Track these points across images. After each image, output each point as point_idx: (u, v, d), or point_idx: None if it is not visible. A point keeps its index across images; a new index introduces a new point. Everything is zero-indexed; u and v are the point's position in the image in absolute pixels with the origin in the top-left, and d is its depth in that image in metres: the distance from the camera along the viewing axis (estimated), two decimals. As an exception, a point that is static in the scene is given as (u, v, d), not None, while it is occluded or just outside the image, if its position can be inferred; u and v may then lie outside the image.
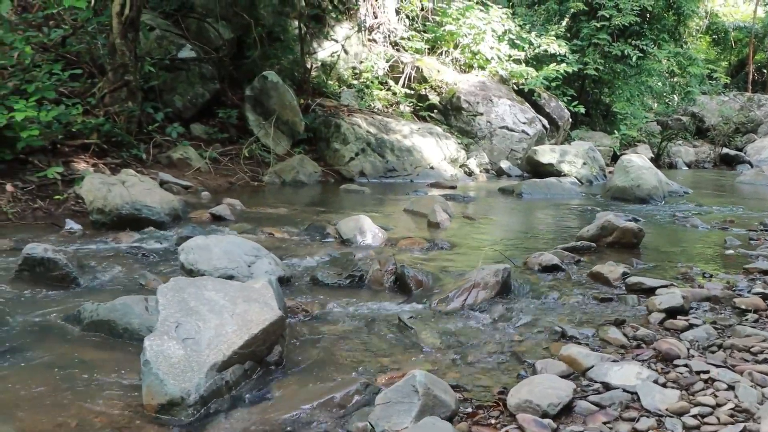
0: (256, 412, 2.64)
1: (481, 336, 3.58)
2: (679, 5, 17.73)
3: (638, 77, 17.95)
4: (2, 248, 5.32)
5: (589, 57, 16.80)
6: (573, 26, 17.60)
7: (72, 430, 2.50)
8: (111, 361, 3.15)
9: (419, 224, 6.79)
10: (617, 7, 16.56)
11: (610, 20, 16.59)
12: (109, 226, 6.04)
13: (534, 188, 9.84)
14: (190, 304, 2.85)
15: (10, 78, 7.81)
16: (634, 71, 17.59)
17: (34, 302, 4.01)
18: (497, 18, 15.27)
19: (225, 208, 6.73)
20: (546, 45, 15.74)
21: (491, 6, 15.54)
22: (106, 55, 9.15)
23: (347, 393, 2.70)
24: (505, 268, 4.30)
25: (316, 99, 12.11)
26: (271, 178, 9.73)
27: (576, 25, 17.51)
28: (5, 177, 6.95)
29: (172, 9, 11.17)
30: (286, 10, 12.65)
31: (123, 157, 8.54)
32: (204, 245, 4.20)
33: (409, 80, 14.09)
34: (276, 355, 3.01)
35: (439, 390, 2.57)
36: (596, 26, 16.84)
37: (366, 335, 3.55)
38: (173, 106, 10.20)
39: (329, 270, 4.55)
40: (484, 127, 13.59)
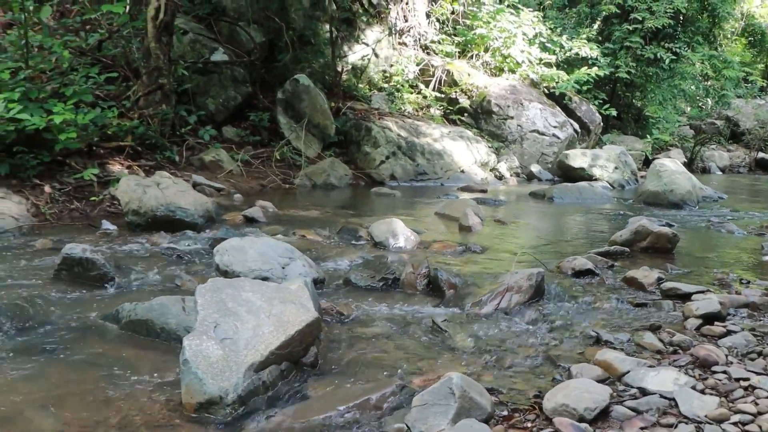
0: (292, 412, 2.66)
1: (515, 339, 3.57)
2: (714, 7, 17.50)
3: (671, 80, 17.74)
4: (41, 248, 5.42)
5: (621, 60, 16.65)
6: (605, 29, 17.45)
7: (113, 426, 2.55)
8: (149, 360, 3.20)
9: (451, 228, 6.78)
10: (650, 10, 16.40)
11: (642, 23, 16.43)
12: (144, 227, 6.12)
13: (565, 192, 9.78)
14: (227, 305, 2.88)
15: (48, 82, 7.95)
16: (666, 74, 17.39)
17: (73, 301, 4.08)
18: (528, 21, 15.20)
19: (258, 210, 6.79)
20: (577, 48, 15.63)
21: (522, 9, 15.47)
22: (140, 59, 9.28)
23: (383, 395, 2.71)
24: (539, 272, 4.29)
25: (347, 102, 12.14)
26: (302, 180, 9.79)
27: (608, 28, 17.36)
28: (43, 178, 7.07)
29: (204, 13, 11.29)
30: (317, 13, 12.72)
31: (157, 159, 8.64)
32: (239, 247, 4.24)
33: (439, 84, 14.08)
34: (312, 356, 3.03)
35: (475, 392, 2.58)
36: (628, 29, 16.69)
37: (400, 338, 3.56)
38: (206, 109, 10.30)
39: (362, 272, 4.57)
40: (514, 130, 13.53)
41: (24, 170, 6.97)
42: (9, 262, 4.97)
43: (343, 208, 8.02)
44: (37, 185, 6.95)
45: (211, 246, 5.33)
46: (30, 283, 4.43)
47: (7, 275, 4.60)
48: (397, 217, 6.11)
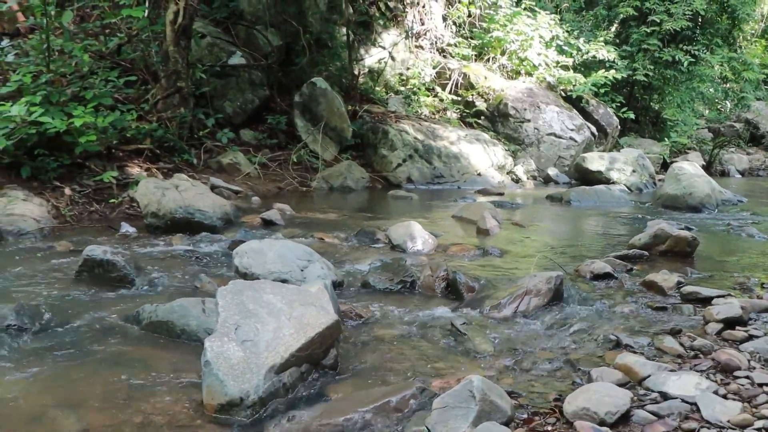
0: (312, 414, 2.67)
1: (534, 343, 3.56)
2: (734, 8, 17.33)
3: (689, 83, 17.60)
4: (62, 250, 5.48)
5: (639, 63, 16.54)
6: (622, 32, 17.34)
7: (136, 426, 2.57)
8: (170, 361, 3.23)
9: (468, 231, 6.77)
10: (668, 12, 16.28)
11: (660, 25, 16.32)
12: (163, 229, 6.16)
13: (583, 196, 9.74)
14: (248, 307, 2.90)
15: (68, 85, 8.03)
16: (685, 77, 17.26)
17: (94, 303, 4.12)
18: (545, 24, 15.14)
19: (275, 212, 6.81)
20: (594, 51, 15.55)
21: (539, 12, 15.42)
22: (159, 62, 9.34)
23: (403, 397, 2.71)
24: (558, 276, 4.27)
25: (364, 105, 12.15)
26: (320, 183, 9.81)
27: (625, 30, 17.25)
28: (64, 181, 7.14)
29: (222, 17, 11.35)
30: (334, 17, 12.75)
31: (175, 161, 8.70)
32: (258, 249, 4.26)
33: (456, 87, 14.07)
34: (331, 359, 3.04)
35: (495, 395, 2.57)
36: (646, 31, 16.58)
37: (419, 340, 3.56)
38: (223, 112, 10.35)
39: (381, 275, 4.58)
40: (531, 133, 13.49)
41: (45, 173, 7.04)
42: (31, 263, 5.02)
43: (360, 211, 8.03)
44: (57, 187, 7.02)
45: (229, 248, 5.36)
46: (51, 284, 4.48)
47: (29, 276, 4.65)
48: (414, 220, 6.11)
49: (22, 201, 6.32)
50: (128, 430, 2.55)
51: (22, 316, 3.61)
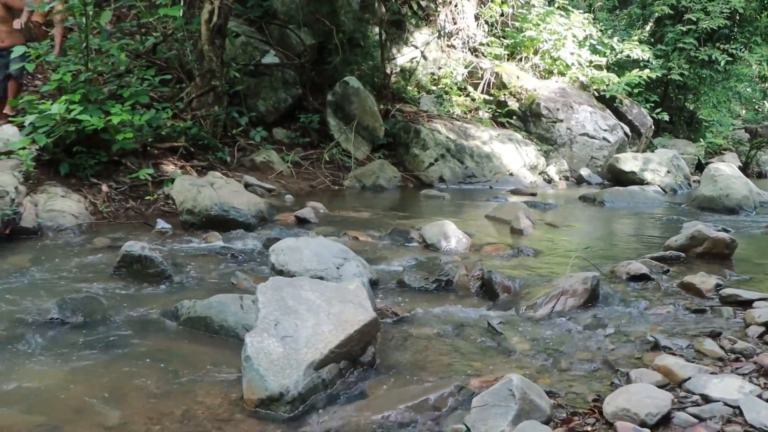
0: (351, 410, 2.69)
1: (571, 343, 3.54)
2: (775, 6, 17.03)
3: (726, 83, 17.33)
4: (100, 246, 5.57)
5: (674, 62, 16.32)
6: (657, 30, 17.12)
7: (177, 418, 2.61)
8: (208, 356, 3.26)
9: (501, 231, 6.75)
10: (705, 10, 16.04)
11: (697, 23, 16.08)
12: (198, 226, 6.22)
13: (616, 196, 9.64)
14: (288, 303, 2.92)
15: (106, 84, 8.14)
16: (721, 76, 17.00)
17: (133, 298, 4.18)
18: (578, 23, 15.01)
19: (309, 211, 6.85)
20: (628, 50, 15.38)
21: (572, 11, 15.29)
22: (194, 61, 9.44)
23: (442, 395, 2.72)
24: (594, 276, 4.24)
25: (396, 104, 12.16)
26: (352, 182, 9.84)
27: (660, 29, 17.04)
28: (101, 178, 7.24)
29: (256, 16, 11.43)
30: (366, 16, 12.77)
31: (209, 159, 8.78)
32: (294, 247, 4.29)
33: (488, 86, 14.00)
34: (369, 356, 3.05)
35: (534, 395, 2.57)
36: (682, 30, 16.36)
37: (456, 339, 3.56)
38: (257, 111, 10.43)
39: (416, 274, 4.58)
40: (564, 134, 13.39)
41: (82, 170, 7.15)
42: (70, 258, 5.11)
43: (392, 210, 8.03)
44: (94, 184, 7.12)
45: (264, 246, 5.41)
46: (91, 279, 4.56)
47: (68, 271, 4.74)
48: (447, 220, 6.11)
49: (61, 197, 6.43)
50: (169, 423, 2.58)
51: (64, 309, 3.69)
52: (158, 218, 6.62)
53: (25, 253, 5.26)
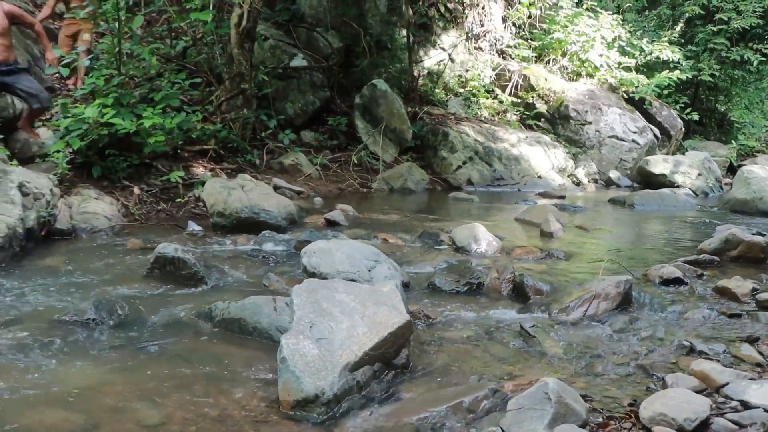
0: (386, 412, 2.70)
1: (605, 347, 3.52)
2: (811, 4, 16.74)
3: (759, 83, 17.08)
4: (132, 247, 5.63)
5: (704, 63, 16.12)
6: (687, 31, 16.92)
7: (214, 419, 2.63)
8: (242, 357, 3.29)
9: (531, 233, 6.72)
10: (737, 10, 15.82)
11: (728, 23, 15.87)
12: (228, 228, 6.27)
13: (647, 199, 9.54)
14: (322, 305, 2.94)
15: (137, 87, 8.24)
16: (754, 77, 16.75)
17: (167, 299, 4.22)
18: (607, 24, 14.89)
19: (339, 213, 6.87)
20: (658, 51, 15.23)
21: (601, 12, 15.18)
22: (223, 65, 9.51)
23: (476, 398, 2.71)
24: (627, 280, 4.21)
25: (424, 107, 12.16)
26: (380, 184, 9.85)
27: (691, 29, 16.84)
28: (132, 180, 7.32)
29: (284, 19, 11.50)
30: (394, 19, 12.80)
31: (238, 162, 8.84)
32: (326, 249, 4.30)
33: (515, 88, 13.95)
34: (403, 358, 3.06)
35: (570, 398, 2.55)
36: (713, 30, 16.15)
37: (488, 342, 3.55)
38: (285, 114, 10.49)
39: (447, 277, 4.58)
40: (592, 136, 13.30)
41: (115, 172, 7.23)
42: (104, 259, 5.18)
43: (421, 213, 8.03)
44: (126, 186, 7.20)
45: (295, 248, 5.44)
46: (125, 280, 4.61)
47: (103, 272, 4.80)
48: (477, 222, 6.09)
49: (94, 199, 6.51)
50: (206, 423, 2.61)
51: (101, 310, 3.73)
52: (189, 220, 6.67)
53: (60, 254, 5.34)
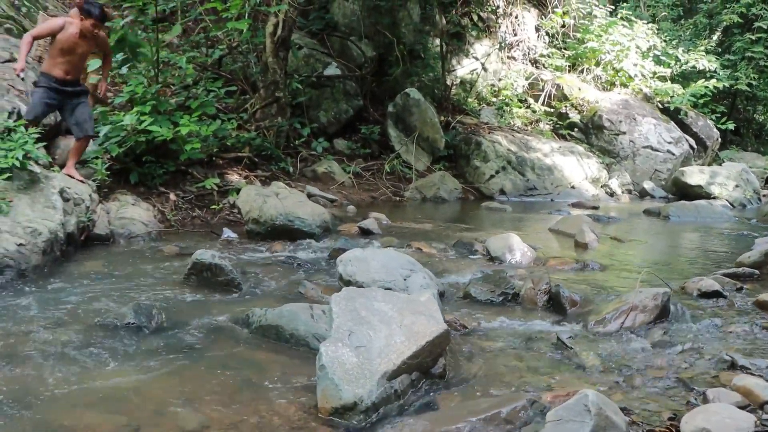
0: (423, 421, 2.69)
1: (643, 360, 3.48)
2: None
3: (799, 93, 16.79)
4: (169, 253, 5.71)
5: (742, 72, 15.89)
6: (725, 40, 16.71)
7: (253, 425, 2.65)
8: (279, 364, 3.31)
9: (565, 244, 6.67)
10: (776, 18, 15.62)
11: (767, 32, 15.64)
12: (263, 235, 6.32)
13: (682, 211, 9.42)
14: (361, 314, 2.95)
15: (173, 95, 8.36)
16: (793, 87, 16.48)
17: (204, 304, 4.27)
18: (642, 34, 14.77)
19: (372, 222, 6.89)
20: (694, 61, 15.06)
21: (635, 22, 15.06)
22: (258, 73, 9.61)
23: (514, 408, 2.70)
24: (665, 292, 4.16)
25: (456, 116, 12.18)
26: (413, 193, 9.86)
27: (728, 38, 16.62)
28: (168, 187, 7.42)
29: (317, 28, 11.60)
30: (427, 28, 12.83)
31: (272, 170, 8.91)
32: (362, 257, 4.32)
33: (548, 98, 13.90)
34: (440, 368, 3.06)
35: (610, 411, 2.53)
36: (751, 39, 15.93)
37: (524, 352, 3.54)
38: (318, 122, 10.55)
39: (482, 286, 4.57)
40: (626, 146, 13.18)
41: (151, 179, 7.34)
42: (142, 265, 5.26)
43: (454, 222, 8.02)
44: (162, 193, 7.30)
45: (329, 256, 5.46)
46: (162, 285, 4.68)
47: (141, 278, 4.87)
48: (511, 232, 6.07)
49: (131, 205, 6.60)
50: (246, 428, 2.63)
51: (140, 315, 3.79)
52: (224, 227, 6.75)
53: (99, 258, 5.43)
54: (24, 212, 4.99)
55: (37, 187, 5.31)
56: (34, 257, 4.75)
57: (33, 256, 4.75)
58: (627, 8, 16.36)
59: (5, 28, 7.49)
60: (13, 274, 4.54)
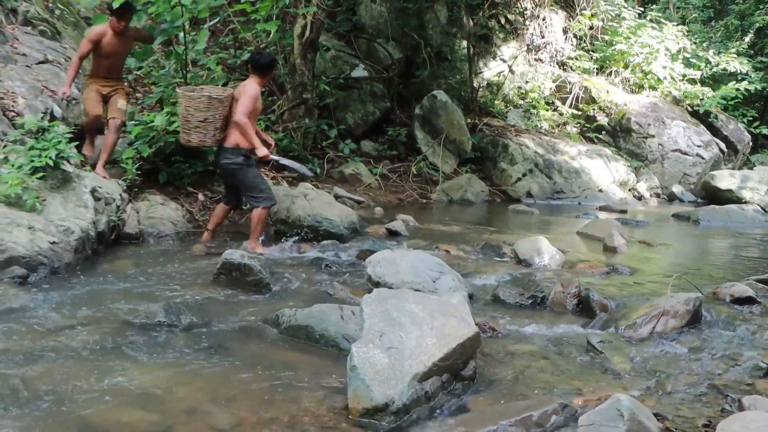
0: (453, 423, 2.69)
1: (675, 365, 3.45)
2: None
3: (832, 96, 16.44)
4: (198, 253, 5.76)
5: (774, 74, 15.62)
6: (757, 42, 16.44)
7: (284, 425, 2.67)
8: (309, 364, 3.33)
9: (594, 248, 6.62)
10: (811, 20, 15.32)
11: (802, 34, 15.38)
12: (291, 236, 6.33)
13: (712, 215, 9.31)
14: (392, 315, 2.95)
15: (202, 96, 8.40)
16: (827, 90, 16.14)
17: (233, 304, 4.30)
18: (671, 36, 14.60)
19: (400, 223, 6.88)
20: (725, 63, 14.84)
21: (665, 24, 14.89)
22: (286, 75, 9.64)
23: (545, 412, 2.69)
24: (697, 297, 4.12)
25: (483, 118, 12.12)
26: (440, 195, 9.85)
27: (761, 40, 16.35)
28: (197, 187, 7.46)
29: (345, 30, 11.61)
30: (454, 30, 12.81)
31: (298, 171, 8.91)
32: (391, 259, 4.32)
33: (576, 101, 13.78)
34: (470, 370, 3.05)
35: (643, 416, 2.51)
36: (784, 41, 15.66)
37: (554, 356, 3.52)
38: (345, 124, 10.56)
39: (511, 289, 4.54)
40: (655, 149, 13.04)
41: (179, 179, 7.37)
42: (171, 264, 5.30)
43: (481, 224, 7.99)
44: (191, 193, 7.34)
45: (358, 257, 5.47)
46: (192, 284, 4.72)
47: (170, 277, 4.92)
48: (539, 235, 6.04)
49: (160, 205, 6.65)
50: (277, 428, 2.64)
51: (170, 313, 3.82)
52: (251, 227, 6.76)
53: (129, 257, 5.49)
54: (57, 211, 5.06)
55: (70, 187, 5.39)
56: (66, 255, 4.82)
57: (65, 254, 4.82)
58: (656, 10, 16.18)
59: (39, 30, 7.58)
60: (47, 271, 4.61)
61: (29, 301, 4.10)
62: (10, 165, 5.12)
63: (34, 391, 2.88)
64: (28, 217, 4.80)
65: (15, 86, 6.32)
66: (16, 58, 6.85)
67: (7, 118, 5.91)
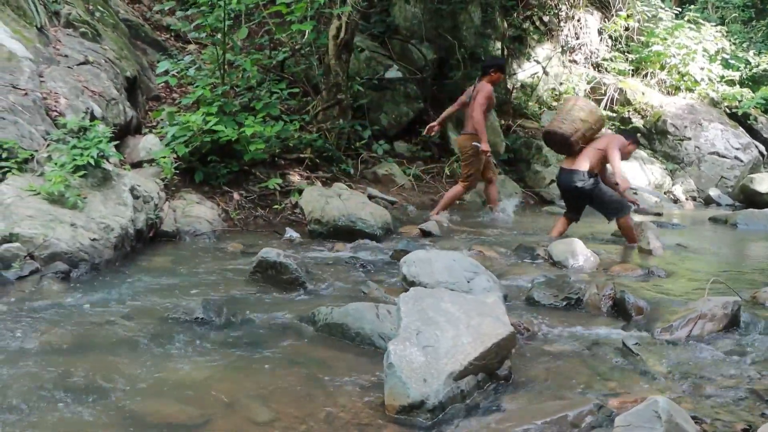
0: (488, 422, 2.70)
1: (712, 369, 3.41)
2: None
3: None
4: (234, 251, 5.85)
5: (816, 76, 15.34)
6: (800, 42, 16.20)
7: (321, 421, 2.70)
8: (345, 362, 3.36)
9: (629, 250, 6.56)
10: None
11: None
12: (325, 236, 6.41)
13: (751, 219, 9.16)
14: (428, 314, 2.97)
15: (237, 96, 8.52)
16: None
17: (270, 302, 4.36)
18: (710, 36, 14.42)
19: (434, 224, 6.89)
20: (766, 64, 14.60)
21: (703, 24, 14.70)
22: (320, 75, 9.71)
23: (580, 413, 2.68)
24: (735, 301, 4.07)
25: (517, 120, 12.09)
26: (472, 197, 9.82)
27: (803, 41, 16.11)
28: (232, 186, 7.56)
29: (379, 31, 11.65)
30: (488, 31, 12.77)
31: (333, 171, 8.97)
32: (425, 259, 4.35)
33: (611, 102, 13.68)
34: (505, 370, 3.06)
35: (680, 419, 2.49)
36: (826, 43, 15.38)
37: (589, 357, 3.51)
38: (379, 124, 10.59)
39: (545, 291, 4.53)
40: (691, 152, 12.89)
41: (215, 178, 7.48)
42: (207, 262, 5.40)
43: (514, 226, 7.97)
44: (226, 192, 7.45)
45: (392, 257, 5.50)
46: (228, 282, 4.80)
47: (207, 274, 5.00)
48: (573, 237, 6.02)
49: (196, 204, 6.77)
50: (314, 423, 2.68)
51: (209, 310, 3.88)
52: (286, 227, 6.85)
53: (166, 255, 5.59)
54: (97, 208, 5.17)
55: (110, 185, 5.51)
56: (106, 252, 4.93)
57: (105, 250, 4.92)
58: (694, 10, 15.99)
59: (80, 32, 7.74)
60: (87, 267, 4.71)
61: (72, 296, 4.20)
62: (53, 163, 5.26)
63: (77, 383, 2.96)
64: (70, 214, 4.91)
65: (57, 87, 6.47)
66: (59, 60, 7.01)
67: (50, 118, 6.06)
